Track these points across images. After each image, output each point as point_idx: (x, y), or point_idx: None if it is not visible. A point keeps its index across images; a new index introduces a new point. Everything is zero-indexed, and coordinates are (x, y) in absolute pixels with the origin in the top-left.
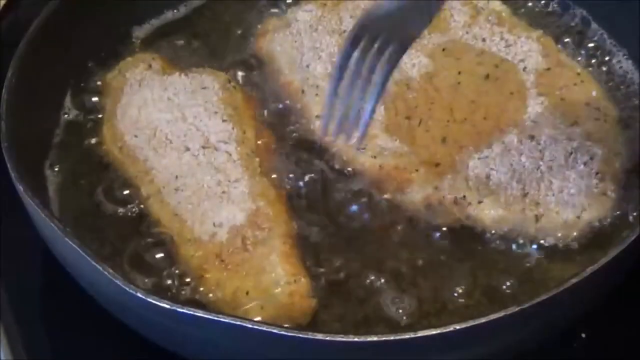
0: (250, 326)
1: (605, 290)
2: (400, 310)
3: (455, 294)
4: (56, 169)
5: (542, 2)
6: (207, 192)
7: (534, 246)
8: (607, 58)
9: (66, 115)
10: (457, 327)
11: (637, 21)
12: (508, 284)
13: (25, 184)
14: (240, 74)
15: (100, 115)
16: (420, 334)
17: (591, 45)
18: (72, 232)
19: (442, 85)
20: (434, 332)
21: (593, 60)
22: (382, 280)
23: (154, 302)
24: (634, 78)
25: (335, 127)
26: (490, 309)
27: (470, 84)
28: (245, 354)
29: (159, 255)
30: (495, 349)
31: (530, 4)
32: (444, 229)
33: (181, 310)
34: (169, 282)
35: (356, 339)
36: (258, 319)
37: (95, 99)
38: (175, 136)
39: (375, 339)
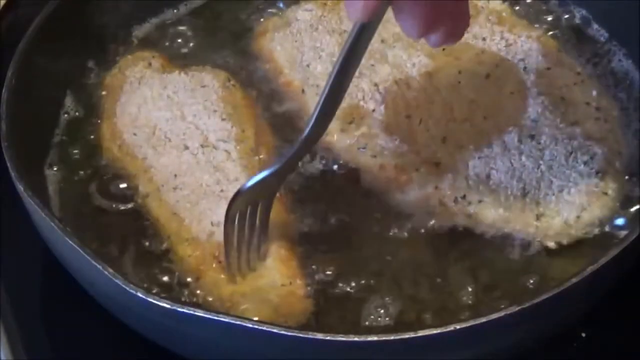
0: (250, 326)
1: (605, 290)
2: (400, 310)
3: (455, 294)
4: (56, 169)
5: (542, 1)
6: (206, 191)
7: (534, 246)
8: (607, 58)
9: (66, 115)
10: (457, 327)
11: (637, 21)
12: (508, 283)
13: (25, 183)
14: (240, 72)
15: (100, 115)
16: (421, 333)
17: (591, 45)
18: (72, 232)
19: (442, 84)
20: (434, 332)
21: (593, 60)
22: (382, 280)
23: (154, 302)
24: (634, 77)
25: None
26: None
27: (470, 83)
28: (245, 354)
29: (158, 255)
30: (495, 349)
31: (530, 3)
32: (444, 228)
33: (181, 310)
34: (168, 281)
35: (356, 339)
36: (255, 319)
37: (95, 98)
38: (174, 134)
39: (375, 338)
